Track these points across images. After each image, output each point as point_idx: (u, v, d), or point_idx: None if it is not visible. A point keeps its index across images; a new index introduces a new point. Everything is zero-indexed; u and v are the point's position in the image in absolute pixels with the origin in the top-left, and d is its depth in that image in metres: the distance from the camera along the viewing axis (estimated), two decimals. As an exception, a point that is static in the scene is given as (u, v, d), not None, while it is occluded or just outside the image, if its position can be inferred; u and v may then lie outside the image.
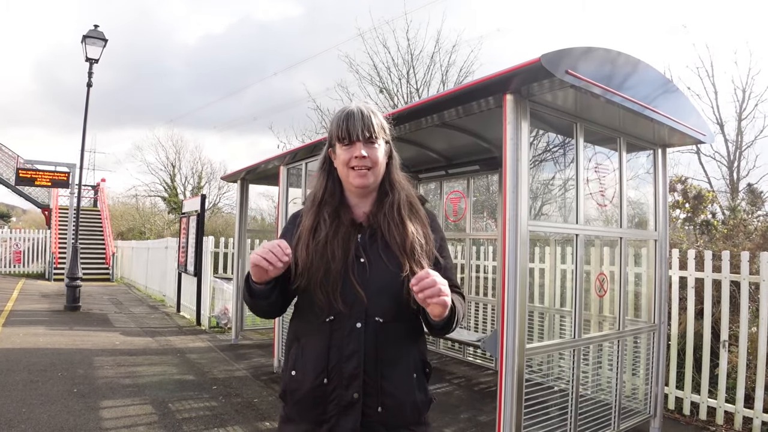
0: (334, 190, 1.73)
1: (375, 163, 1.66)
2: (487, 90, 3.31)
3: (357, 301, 1.59)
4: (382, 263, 1.62)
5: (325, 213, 1.68)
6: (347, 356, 1.60)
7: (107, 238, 20.94)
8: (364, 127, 1.63)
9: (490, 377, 6.31)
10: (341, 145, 1.67)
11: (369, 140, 1.65)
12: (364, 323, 1.60)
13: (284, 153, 6.31)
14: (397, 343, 1.66)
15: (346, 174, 1.67)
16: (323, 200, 1.72)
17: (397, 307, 1.62)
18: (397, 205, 1.69)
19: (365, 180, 1.66)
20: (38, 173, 16.19)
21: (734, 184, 12.42)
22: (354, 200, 1.74)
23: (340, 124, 1.66)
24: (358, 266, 1.62)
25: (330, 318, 1.61)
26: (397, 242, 1.63)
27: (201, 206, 9.67)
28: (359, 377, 1.59)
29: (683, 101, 4.26)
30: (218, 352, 7.43)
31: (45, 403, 4.81)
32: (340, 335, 1.61)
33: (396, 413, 1.64)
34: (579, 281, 3.73)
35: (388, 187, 1.73)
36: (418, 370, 1.71)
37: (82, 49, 11.34)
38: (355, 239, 1.65)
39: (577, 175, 3.75)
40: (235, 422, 4.61)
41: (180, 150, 33.25)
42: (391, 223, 1.66)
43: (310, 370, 1.63)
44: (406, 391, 1.66)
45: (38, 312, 10.51)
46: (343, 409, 1.60)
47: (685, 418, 5.01)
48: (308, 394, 1.62)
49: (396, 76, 14.92)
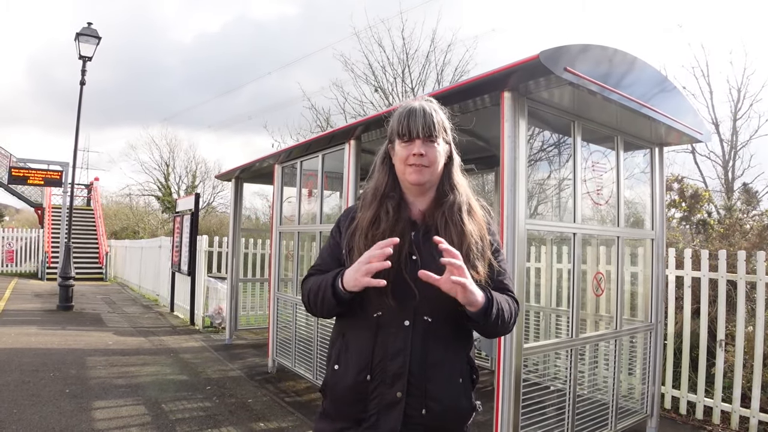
0: (394, 185, 1.71)
1: (432, 162, 1.64)
2: (484, 87, 3.28)
3: (407, 298, 1.57)
4: (434, 262, 1.54)
5: (389, 206, 1.66)
6: (393, 354, 1.57)
7: (100, 238, 20.86)
8: (424, 125, 1.62)
9: (486, 377, 6.28)
10: (400, 142, 1.65)
11: (429, 139, 1.63)
12: (412, 321, 1.58)
13: (279, 151, 6.27)
14: (445, 345, 1.63)
15: (402, 170, 1.66)
16: (385, 193, 1.69)
17: (446, 308, 1.57)
18: (457, 206, 1.67)
19: (420, 177, 1.63)
20: (31, 172, 16.09)
21: (729, 184, 12.45)
22: (411, 198, 1.72)
23: (401, 120, 1.64)
24: (411, 263, 1.59)
25: (378, 314, 1.59)
26: (453, 242, 1.58)
27: (195, 205, 9.62)
28: (404, 376, 1.56)
29: (680, 100, 4.24)
30: (212, 352, 7.38)
31: (36, 404, 4.75)
32: (386, 332, 1.59)
33: (439, 418, 1.60)
34: (576, 280, 3.71)
35: (448, 188, 1.70)
36: (465, 376, 1.68)
37: (76, 47, 11.26)
38: (408, 236, 1.63)
39: (575, 173, 3.73)
40: (230, 423, 4.56)
41: (174, 149, 33.15)
42: (449, 222, 1.64)
43: (353, 366, 1.61)
44: (451, 396, 1.63)
45: (30, 312, 10.43)
46: (384, 408, 1.57)
47: (682, 417, 5.00)
48: (349, 389, 1.60)
49: (391, 75, 14.92)
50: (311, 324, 5.47)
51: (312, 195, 5.82)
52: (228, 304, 8.27)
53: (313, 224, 5.70)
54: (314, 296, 1.65)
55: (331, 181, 6.11)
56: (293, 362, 5.81)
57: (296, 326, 5.79)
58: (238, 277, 8.43)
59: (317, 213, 5.51)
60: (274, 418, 4.74)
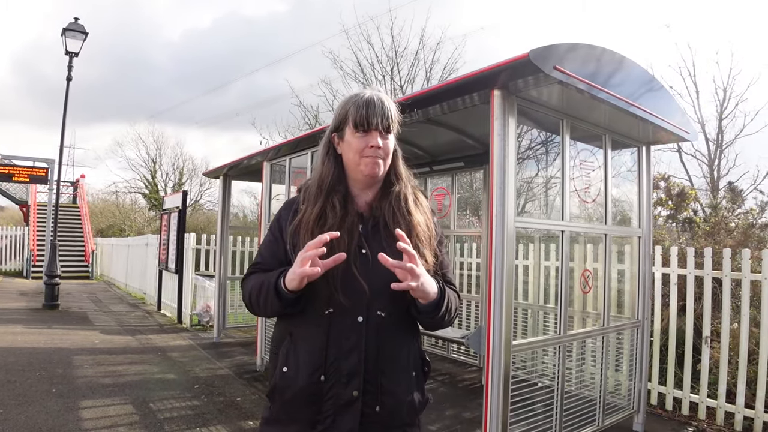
0: (340, 177, 1.66)
1: (387, 154, 1.62)
2: (474, 86, 3.29)
3: (359, 294, 1.53)
4: (385, 254, 1.51)
5: (335, 201, 1.60)
6: (347, 352, 1.53)
7: (87, 235, 20.65)
8: (383, 117, 1.58)
9: (474, 374, 6.31)
10: (354, 131, 1.59)
11: (386, 131, 1.60)
12: (366, 317, 1.54)
13: (267, 149, 6.25)
14: (398, 340, 1.61)
15: (356, 162, 1.60)
16: (331, 187, 1.63)
17: (399, 302, 1.57)
18: (404, 196, 1.65)
19: (377, 170, 1.60)
20: (16, 169, 15.87)
21: (715, 183, 12.59)
22: (356, 190, 1.67)
23: (359, 109, 1.58)
24: (361, 258, 1.55)
25: (330, 311, 1.54)
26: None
27: (182, 203, 9.55)
28: (359, 374, 1.53)
29: (667, 99, 4.28)
30: (200, 351, 7.34)
31: (23, 403, 4.70)
32: (339, 329, 1.54)
33: (394, 413, 1.58)
34: (564, 278, 3.73)
35: (393, 178, 1.68)
36: (417, 368, 1.67)
37: (62, 43, 11.13)
38: (357, 230, 1.59)
39: (563, 171, 3.74)
40: (218, 421, 4.55)
41: (161, 146, 32.94)
42: (397, 212, 1.61)
43: (305, 367, 1.54)
44: (405, 390, 1.61)
45: (16, 310, 10.32)
46: (340, 409, 1.53)
47: (668, 413, 5.05)
48: (302, 392, 1.54)
49: (380, 72, 14.92)
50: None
51: (301, 192, 5.80)
52: (216, 302, 8.22)
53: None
54: (256, 298, 1.58)
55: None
56: (282, 360, 5.78)
57: (285, 324, 5.76)
58: (226, 275, 8.39)
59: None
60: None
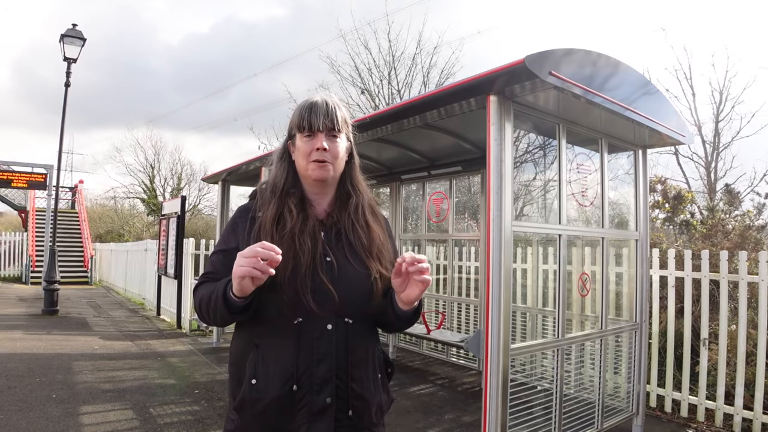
0: (295, 181, 1.67)
1: (335, 157, 1.62)
2: (470, 91, 3.32)
3: (328, 301, 1.52)
4: (349, 263, 1.58)
5: (291, 203, 1.60)
6: (318, 360, 1.53)
7: (85, 241, 20.63)
8: (327, 119, 1.59)
9: (473, 377, 6.33)
10: (302, 136, 1.61)
11: (331, 133, 1.61)
12: (334, 324, 1.55)
13: (266, 154, 6.28)
14: (364, 344, 1.63)
15: (305, 166, 1.62)
16: (285, 190, 1.64)
17: (364, 309, 1.60)
18: (362, 208, 1.67)
19: (325, 173, 1.60)
20: (15, 175, 15.91)
21: (712, 185, 12.59)
22: (312, 195, 1.67)
23: (302, 113, 1.60)
24: (326, 265, 1.56)
25: (299, 320, 1.53)
26: (363, 244, 1.61)
27: (181, 208, 9.56)
28: (332, 381, 1.53)
29: (663, 102, 4.30)
30: (200, 356, 7.35)
31: (23, 409, 4.71)
32: (309, 338, 1.53)
33: (363, 415, 1.60)
34: (562, 281, 3.75)
35: (350, 187, 1.69)
36: (382, 371, 1.71)
37: (60, 48, 11.14)
38: (320, 236, 1.59)
39: (560, 175, 3.77)
40: (218, 426, 4.55)
41: (159, 151, 32.89)
42: (356, 224, 1.64)
43: (276, 377, 1.52)
44: (373, 393, 1.64)
45: (15, 316, 10.31)
46: (314, 416, 1.52)
47: (667, 415, 5.07)
48: (273, 403, 1.52)
49: (377, 77, 14.92)
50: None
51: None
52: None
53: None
54: (206, 306, 1.56)
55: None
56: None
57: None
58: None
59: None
60: (262, 421, 4.72)
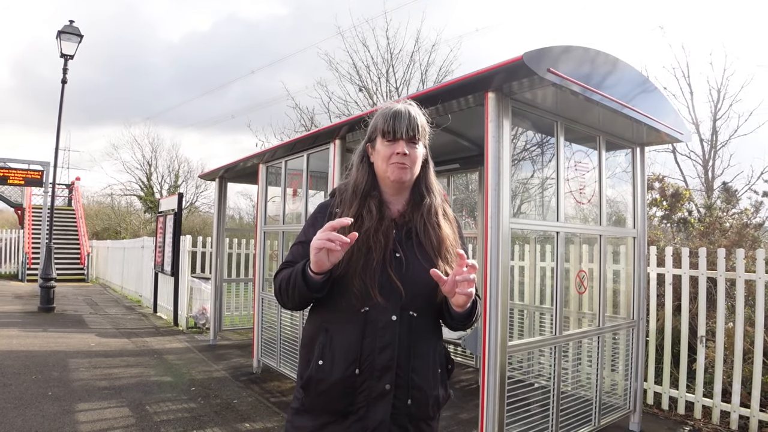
0: (374, 183, 1.77)
1: (413, 162, 1.72)
2: (469, 88, 3.30)
3: (394, 294, 1.64)
4: (417, 260, 1.68)
5: (371, 205, 1.71)
6: (381, 348, 1.64)
7: (82, 238, 20.57)
8: (409, 127, 1.69)
9: (470, 375, 6.33)
10: (384, 141, 1.72)
11: (411, 140, 1.71)
12: (399, 316, 1.65)
13: (263, 151, 6.25)
14: (427, 338, 1.73)
15: (384, 168, 1.72)
16: (366, 192, 1.75)
17: (429, 303, 1.70)
18: (434, 209, 1.76)
19: (403, 174, 1.70)
20: (11, 171, 15.81)
21: (709, 183, 12.62)
22: (388, 197, 1.78)
23: (387, 120, 1.71)
24: (395, 261, 1.67)
25: (366, 309, 1.64)
26: (432, 244, 1.71)
27: (178, 205, 9.55)
28: (392, 369, 1.64)
29: (661, 100, 4.30)
30: (196, 353, 7.33)
31: (19, 407, 4.69)
32: (374, 327, 1.64)
33: (421, 406, 1.69)
34: (560, 278, 3.75)
35: (424, 190, 1.79)
36: (442, 365, 1.80)
37: (57, 45, 11.09)
38: (392, 234, 1.70)
39: (558, 173, 3.76)
40: (215, 424, 4.54)
41: (156, 148, 32.77)
42: (428, 224, 1.73)
43: (341, 360, 1.65)
44: (432, 385, 1.72)
45: (11, 313, 10.27)
46: (373, 401, 1.63)
47: (664, 412, 5.08)
48: (337, 384, 1.64)
49: (375, 74, 14.90)
50: (296, 324, 5.46)
51: (297, 194, 5.81)
52: (212, 305, 8.22)
53: (297, 224, 5.68)
54: (285, 286, 1.67)
55: (315, 181, 6.12)
56: (278, 362, 5.79)
57: (281, 326, 5.77)
58: (222, 278, 8.39)
59: (302, 212, 5.50)
60: (259, 419, 4.72)
